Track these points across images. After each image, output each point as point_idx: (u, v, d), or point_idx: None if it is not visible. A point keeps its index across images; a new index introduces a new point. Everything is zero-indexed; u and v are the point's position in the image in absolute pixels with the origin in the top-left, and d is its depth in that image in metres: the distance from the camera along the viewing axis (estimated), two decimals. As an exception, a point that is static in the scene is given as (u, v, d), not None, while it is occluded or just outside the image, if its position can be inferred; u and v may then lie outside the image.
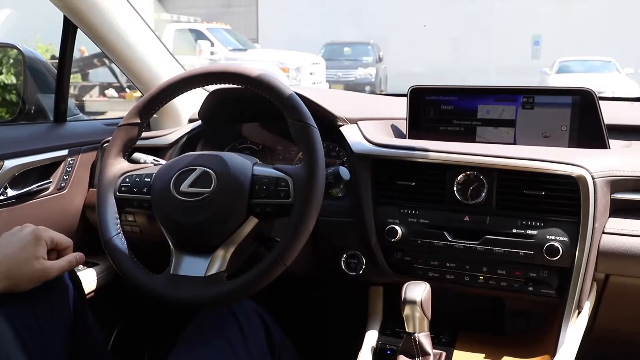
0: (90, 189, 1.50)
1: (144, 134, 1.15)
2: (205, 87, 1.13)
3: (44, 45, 7.14)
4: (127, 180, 1.07)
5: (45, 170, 1.39)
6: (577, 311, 1.08)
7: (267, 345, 1.04)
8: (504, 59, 13.58)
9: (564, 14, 14.14)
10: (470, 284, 1.14)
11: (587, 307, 1.09)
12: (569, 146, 1.19)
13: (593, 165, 1.04)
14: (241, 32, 12.60)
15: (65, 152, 1.43)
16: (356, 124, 1.27)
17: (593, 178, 1.03)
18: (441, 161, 1.14)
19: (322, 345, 1.49)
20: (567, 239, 1.06)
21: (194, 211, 0.98)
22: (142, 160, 1.21)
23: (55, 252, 0.98)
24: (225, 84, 1.08)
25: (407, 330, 1.01)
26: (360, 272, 1.22)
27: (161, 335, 1.61)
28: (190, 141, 1.40)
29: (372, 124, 1.28)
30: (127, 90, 8.20)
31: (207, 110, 1.38)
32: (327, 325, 1.55)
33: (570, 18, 14.02)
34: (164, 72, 1.52)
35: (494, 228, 1.11)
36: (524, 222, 1.09)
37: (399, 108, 1.34)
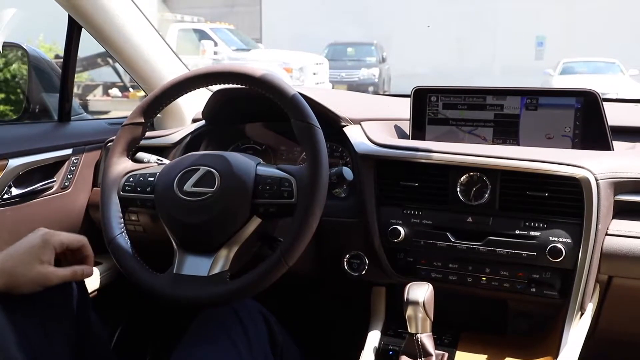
0: (94, 188, 1.50)
1: (147, 134, 1.15)
2: (209, 87, 1.14)
3: (47, 45, 7.14)
4: (131, 179, 1.07)
5: (49, 170, 1.40)
6: (580, 313, 1.07)
7: (270, 345, 1.04)
8: (508, 59, 13.56)
9: (568, 15, 14.09)
10: (473, 284, 1.14)
11: (590, 308, 1.08)
12: (573, 147, 1.18)
13: (597, 166, 1.04)
14: (245, 32, 12.61)
15: (69, 151, 1.43)
16: (359, 124, 1.27)
17: (596, 180, 1.03)
18: (444, 162, 1.14)
19: (324, 345, 1.49)
20: (570, 241, 1.05)
21: (197, 211, 0.98)
22: (145, 160, 1.21)
23: (69, 253, 0.99)
24: (229, 83, 1.09)
25: (409, 330, 1.00)
26: (363, 272, 1.22)
27: (164, 334, 1.61)
28: (193, 141, 1.40)
29: (376, 124, 1.28)
30: (130, 89, 8.19)
31: (211, 110, 1.39)
32: (330, 325, 1.55)
33: (574, 19, 13.98)
34: (168, 71, 1.52)
35: (497, 229, 1.11)
36: (527, 224, 1.09)
37: (403, 109, 1.34)
